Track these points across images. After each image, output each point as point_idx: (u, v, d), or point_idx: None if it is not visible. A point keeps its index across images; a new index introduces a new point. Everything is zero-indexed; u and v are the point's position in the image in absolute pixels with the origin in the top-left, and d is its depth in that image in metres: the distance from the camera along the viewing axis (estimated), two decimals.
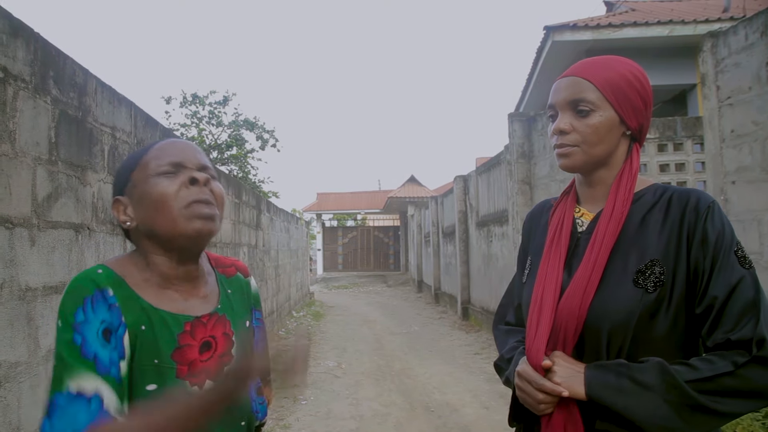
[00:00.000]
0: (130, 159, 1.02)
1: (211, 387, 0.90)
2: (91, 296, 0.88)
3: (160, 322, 0.93)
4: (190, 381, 0.93)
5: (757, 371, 0.92)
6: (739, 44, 3.88)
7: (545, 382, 1.01)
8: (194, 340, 0.96)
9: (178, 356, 0.93)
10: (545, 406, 1.02)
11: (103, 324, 0.87)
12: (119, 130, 3.02)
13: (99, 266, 0.94)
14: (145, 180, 0.96)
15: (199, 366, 0.95)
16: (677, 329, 1.00)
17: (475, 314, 9.79)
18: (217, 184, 1.02)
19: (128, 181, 0.99)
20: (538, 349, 1.05)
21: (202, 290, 1.03)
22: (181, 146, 1.01)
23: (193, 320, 0.97)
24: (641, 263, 1.02)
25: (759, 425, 2.95)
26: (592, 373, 0.99)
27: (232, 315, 1.05)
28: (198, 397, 0.89)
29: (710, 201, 1.03)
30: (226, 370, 0.96)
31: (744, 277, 0.97)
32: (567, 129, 1.08)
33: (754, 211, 3.76)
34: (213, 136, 15.42)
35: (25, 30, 2.14)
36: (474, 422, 4.43)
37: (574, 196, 1.19)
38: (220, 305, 1.04)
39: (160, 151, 0.99)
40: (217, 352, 0.99)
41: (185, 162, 0.98)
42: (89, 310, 0.87)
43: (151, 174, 0.96)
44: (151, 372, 0.91)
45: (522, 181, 6.88)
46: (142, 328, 0.91)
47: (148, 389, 0.90)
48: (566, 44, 8.44)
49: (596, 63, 1.10)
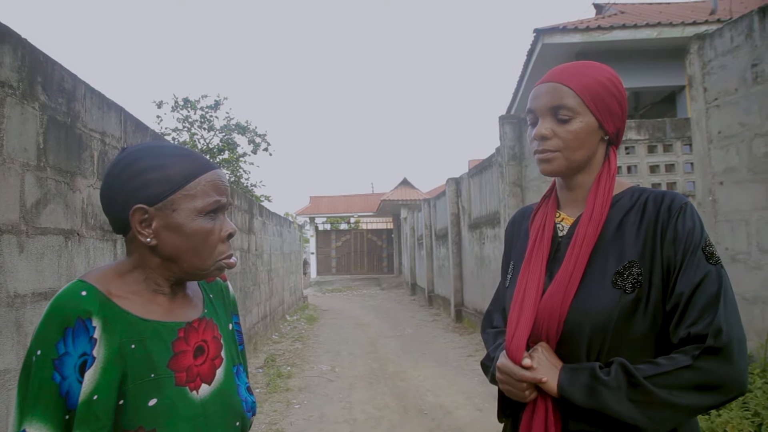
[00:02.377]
0: (169, 170, 0.94)
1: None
2: (72, 328, 0.85)
3: (152, 334, 0.92)
4: (189, 387, 0.94)
5: (711, 361, 0.94)
6: (725, 46, 3.93)
7: (524, 373, 1.04)
8: (188, 345, 0.97)
9: (174, 364, 0.93)
10: (529, 392, 1.06)
11: (82, 358, 0.85)
12: (109, 135, 3.01)
13: (82, 285, 0.90)
14: (189, 213, 0.94)
15: (194, 371, 0.96)
16: (656, 328, 1.03)
17: (469, 316, 9.80)
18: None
19: (165, 199, 0.93)
20: (518, 344, 1.08)
21: (187, 296, 1.04)
22: (223, 184, 1.00)
23: (186, 326, 0.98)
24: (619, 265, 1.05)
25: (748, 423, 2.97)
26: (566, 375, 1.02)
27: (217, 319, 1.07)
28: None
29: (683, 201, 1.06)
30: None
31: (709, 273, 0.99)
32: (548, 135, 1.11)
33: (741, 211, 3.80)
34: (205, 140, 15.39)
35: (12, 36, 2.13)
36: (467, 424, 4.43)
37: (555, 200, 1.22)
38: (206, 309, 1.05)
39: (209, 186, 0.96)
40: (209, 356, 0.99)
41: (225, 203, 0.99)
42: (69, 344, 0.85)
43: (198, 210, 0.94)
44: (149, 387, 0.90)
45: (513, 183, 6.91)
46: (131, 348, 0.89)
47: (150, 405, 0.89)
48: (556, 47, 8.49)
49: (575, 69, 1.12)
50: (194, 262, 0.96)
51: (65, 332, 0.85)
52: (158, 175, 0.93)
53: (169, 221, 0.93)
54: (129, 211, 0.92)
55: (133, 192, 0.92)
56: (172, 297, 1.00)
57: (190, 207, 0.94)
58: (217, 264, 0.98)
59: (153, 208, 0.93)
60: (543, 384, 1.03)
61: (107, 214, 0.98)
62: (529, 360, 1.05)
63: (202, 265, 0.96)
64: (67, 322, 0.85)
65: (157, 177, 0.93)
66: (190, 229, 0.94)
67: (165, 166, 0.94)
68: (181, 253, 0.94)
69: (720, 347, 0.94)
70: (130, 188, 0.92)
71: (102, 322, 0.88)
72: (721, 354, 0.94)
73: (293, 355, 7.51)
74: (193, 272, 0.97)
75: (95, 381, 0.85)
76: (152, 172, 0.93)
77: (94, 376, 0.85)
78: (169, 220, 0.93)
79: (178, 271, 0.97)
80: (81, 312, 0.86)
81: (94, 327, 0.87)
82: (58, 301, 0.88)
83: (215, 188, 0.97)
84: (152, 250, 0.95)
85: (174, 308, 0.99)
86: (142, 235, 0.93)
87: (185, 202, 0.94)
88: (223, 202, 0.98)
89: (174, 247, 0.94)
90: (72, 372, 0.84)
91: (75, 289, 0.89)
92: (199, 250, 0.95)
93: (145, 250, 0.96)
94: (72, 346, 0.85)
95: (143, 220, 0.93)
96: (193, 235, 0.94)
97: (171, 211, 0.93)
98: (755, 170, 3.70)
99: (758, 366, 3.47)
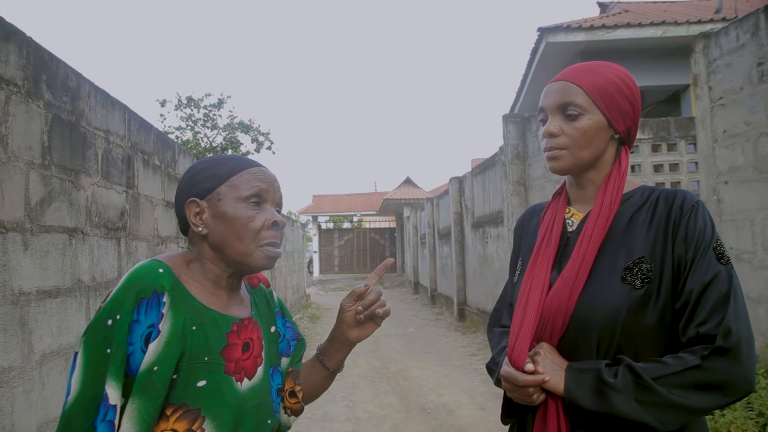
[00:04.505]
0: (217, 168, 1.05)
1: None
2: (147, 299, 0.92)
3: (211, 321, 0.99)
4: (235, 377, 1.00)
5: (720, 362, 0.94)
6: (731, 45, 3.91)
7: (528, 378, 1.04)
8: (239, 339, 1.03)
9: (226, 353, 1.00)
10: (537, 395, 1.05)
11: (149, 329, 0.91)
12: (113, 133, 3.02)
13: (159, 263, 0.97)
14: (234, 201, 1.02)
15: (241, 364, 1.02)
16: (665, 324, 1.02)
17: (471, 315, 9.80)
18: (285, 226, 1.10)
19: (213, 191, 1.03)
20: (520, 351, 1.07)
21: (240, 296, 1.11)
22: (270, 178, 1.08)
23: (239, 321, 1.05)
24: (629, 260, 1.04)
25: (753, 423, 2.96)
26: (571, 375, 1.02)
27: (261, 321, 1.13)
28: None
29: (695, 200, 1.06)
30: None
31: (719, 273, 0.99)
32: (556, 132, 1.11)
33: (746, 210, 3.79)
34: (208, 139, 15.40)
35: (18, 34, 2.14)
36: (470, 424, 4.43)
37: (566, 197, 1.22)
38: (253, 311, 1.12)
39: (251, 177, 1.05)
40: (253, 354, 1.06)
41: (270, 195, 1.06)
42: (142, 313, 0.91)
43: (241, 198, 1.02)
44: (201, 369, 0.95)
45: (517, 182, 6.90)
46: (192, 329, 0.96)
47: (199, 385, 0.94)
48: (560, 45, 8.47)
49: (586, 68, 1.13)
50: (237, 246, 1.01)
51: (141, 302, 0.91)
52: (209, 173, 1.05)
53: (216, 210, 1.02)
54: (185, 206, 1.04)
55: (189, 190, 1.05)
56: (229, 292, 1.07)
57: (234, 195, 1.03)
58: (260, 250, 1.02)
59: (204, 200, 1.04)
60: (547, 384, 1.03)
61: (177, 216, 1.09)
62: (531, 365, 1.05)
63: (244, 249, 1.01)
64: (144, 292, 0.92)
65: (207, 174, 1.05)
66: (232, 215, 1.01)
67: (214, 165, 1.06)
68: (226, 238, 1.02)
69: (729, 348, 0.93)
70: (188, 188, 1.06)
71: (171, 299, 0.95)
72: (730, 354, 0.94)
73: None
74: (237, 258, 1.02)
75: (158, 353, 0.91)
76: (204, 171, 1.06)
77: (157, 348, 0.91)
78: (216, 209, 1.02)
79: (226, 259, 1.03)
80: (157, 286, 0.94)
81: (164, 303, 0.94)
82: (137, 273, 0.94)
83: (257, 179, 1.05)
84: (205, 240, 1.04)
85: (230, 304, 1.06)
86: (195, 225, 1.03)
87: (229, 191, 1.03)
88: (264, 189, 1.05)
89: (220, 233, 1.02)
90: (138, 340, 0.90)
91: (153, 266, 0.97)
92: (240, 235, 1.01)
93: (201, 241, 1.04)
94: (144, 315, 0.91)
95: (197, 212, 1.04)
96: (235, 220, 1.01)
97: (217, 201, 1.03)
98: (761, 169, 3.68)
99: (763, 366, 3.46)
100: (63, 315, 2.41)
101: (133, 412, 0.88)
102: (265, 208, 1.05)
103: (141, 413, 0.88)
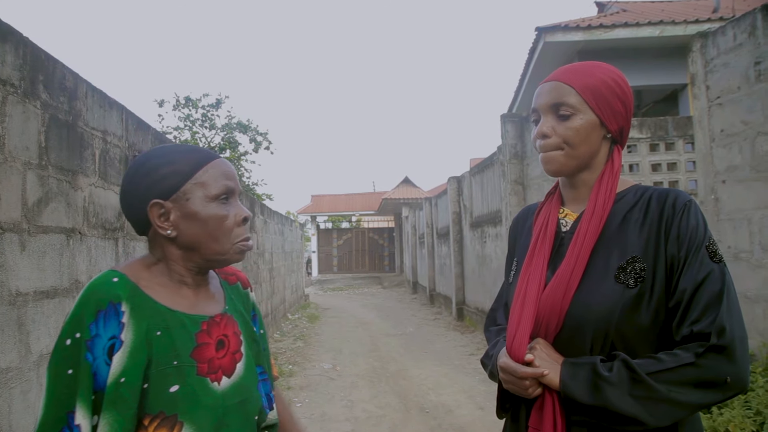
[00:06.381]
0: (177, 163, 0.99)
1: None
2: (104, 311, 0.90)
3: (177, 323, 0.96)
4: (210, 378, 0.97)
5: (714, 359, 0.94)
6: (728, 44, 3.92)
7: (526, 370, 1.05)
8: (210, 338, 1.00)
9: (197, 354, 0.97)
10: (533, 388, 1.07)
11: (111, 341, 0.89)
12: (110, 134, 3.02)
13: (114, 273, 0.95)
14: (203, 200, 0.99)
15: (216, 363, 0.99)
16: (658, 323, 1.03)
17: (470, 315, 9.80)
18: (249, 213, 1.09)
19: (178, 190, 0.98)
20: (520, 343, 1.08)
21: (209, 292, 1.08)
22: (232, 171, 1.04)
23: (208, 319, 1.02)
24: (622, 260, 1.05)
25: (750, 422, 2.96)
26: (566, 370, 1.03)
27: (238, 316, 1.10)
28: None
29: (687, 199, 1.07)
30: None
31: (712, 271, 1.00)
32: (548, 133, 1.12)
33: (744, 209, 3.79)
34: (206, 139, 15.39)
35: (14, 34, 2.13)
36: (469, 423, 4.43)
37: (559, 197, 1.23)
38: (227, 306, 1.09)
39: (216, 172, 1.01)
40: (230, 350, 1.03)
41: (235, 188, 1.04)
42: (101, 326, 0.89)
43: (210, 196, 0.99)
44: (172, 374, 0.93)
45: (515, 181, 6.90)
46: (157, 334, 0.93)
47: (172, 391, 0.92)
48: (558, 45, 8.47)
49: (577, 68, 1.14)
50: (213, 247, 1.00)
51: (98, 315, 0.89)
52: (168, 169, 0.98)
53: (185, 211, 0.98)
54: (147, 208, 0.98)
55: (147, 189, 0.98)
56: (196, 290, 1.04)
57: (202, 194, 0.99)
58: (235, 247, 1.01)
59: (168, 200, 0.98)
60: (544, 378, 1.04)
61: (128, 217, 1.03)
62: (530, 356, 1.06)
63: (220, 249, 1.00)
64: (99, 305, 0.90)
65: (167, 171, 0.98)
66: (205, 215, 0.98)
67: (173, 160, 0.99)
68: (200, 239, 0.99)
69: (723, 345, 0.94)
70: (144, 187, 0.98)
71: (131, 307, 0.92)
72: (724, 352, 0.94)
73: (295, 354, 7.52)
74: (214, 258, 1.01)
75: (123, 364, 0.89)
76: (162, 167, 0.99)
77: (122, 359, 0.89)
78: (184, 209, 0.98)
79: (199, 259, 1.01)
80: (112, 296, 0.92)
81: (123, 312, 0.91)
82: (91, 287, 0.93)
83: (223, 174, 1.02)
84: (173, 242, 1.00)
85: (198, 302, 1.03)
86: (162, 228, 0.98)
87: (197, 190, 0.99)
88: (232, 186, 1.02)
89: (192, 235, 0.99)
90: (101, 353, 0.88)
91: (107, 276, 0.95)
92: (215, 235, 0.99)
93: (167, 243, 1.00)
94: (103, 328, 0.89)
95: (161, 214, 0.98)
96: (209, 221, 0.99)
97: (185, 201, 0.98)
98: (758, 168, 3.69)
99: (760, 365, 3.46)
100: (60, 316, 2.41)
101: (105, 427, 0.86)
102: (233, 203, 1.03)
103: (114, 428, 0.86)
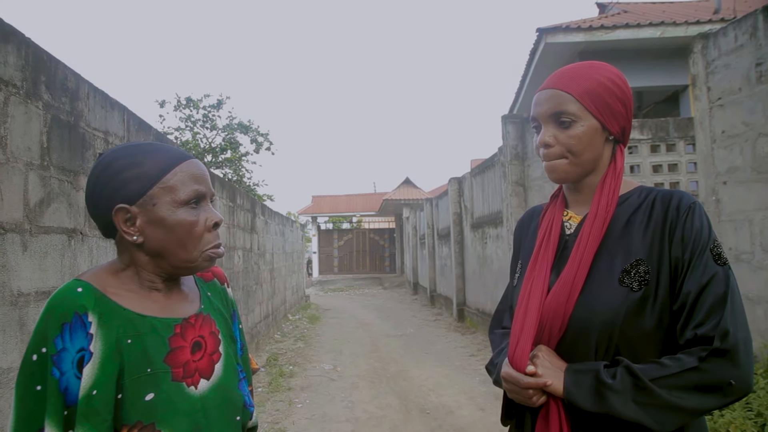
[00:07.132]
0: (144, 165, 0.94)
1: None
2: (69, 323, 0.86)
3: (148, 329, 0.93)
4: (186, 382, 0.94)
5: (717, 363, 0.94)
6: (729, 46, 3.92)
7: (529, 380, 1.04)
8: (185, 341, 0.97)
9: (171, 360, 0.93)
10: (537, 397, 1.06)
11: (79, 353, 0.86)
12: (112, 134, 3.02)
13: (78, 283, 0.91)
14: (170, 206, 0.93)
15: (192, 366, 0.96)
16: (663, 326, 1.02)
17: (471, 316, 9.79)
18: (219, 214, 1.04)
19: (144, 194, 0.93)
20: (522, 353, 1.08)
21: (182, 292, 1.04)
22: (203, 174, 0.99)
23: (182, 322, 0.98)
24: (626, 263, 1.05)
25: (751, 424, 2.96)
26: (570, 377, 1.02)
27: (215, 314, 1.07)
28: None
29: (691, 201, 1.06)
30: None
31: (716, 274, 0.99)
32: (551, 142, 1.11)
33: (745, 211, 3.79)
34: (207, 139, 15.40)
35: (17, 35, 2.14)
36: (470, 424, 4.43)
37: (563, 199, 1.22)
38: (203, 305, 1.05)
39: (186, 176, 0.95)
40: (207, 351, 1.00)
41: (205, 192, 0.98)
42: (67, 339, 0.85)
43: (179, 201, 0.94)
44: (146, 382, 0.90)
45: (516, 182, 6.90)
46: (128, 342, 0.90)
47: (147, 399, 0.89)
48: (559, 46, 8.47)
49: (574, 72, 1.12)
50: (181, 254, 0.95)
51: (63, 328, 0.86)
52: (134, 172, 0.93)
53: (152, 216, 0.93)
54: (112, 213, 0.93)
55: (113, 193, 0.93)
56: (167, 293, 1.00)
57: (170, 199, 0.94)
58: (204, 254, 0.97)
59: (134, 205, 0.93)
60: (548, 387, 1.03)
61: (94, 218, 0.98)
62: (532, 367, 1.05)
63: (188, 257, 0.96)
64: (64, 318, 0.86)
65: (133, 174, 0.93)
66: (172, 222, 0.93)
67: (139, 162, 0.94)
68: (167, 246, 0.94)
69: (727, 349, 0.94)
70: (109, 190, 0.93)
71: (98, 317, 0.89)
72: (727, 356, 0.94)
73: (295, 355, 7.52)
74: (181, 266, 0.96)
75: (94, 376, 0.86)
76: (128, 170, 0.93)
77: (92, 371, 0.86)
78: (151, 215, 0.93)
79: (167, 266, 0.97)
80: (78, 307, 0.87)
81: (90, 322, 0.88)
82: (54, 299, 0.89)
83: (192, 178, 0.96)
84: (140, 248, 0.96)
85: (170, 304, 0.99)
86: (128, 234, 0.94)
87: (164, 194, 0.93)
88: (202, 191, 0.97)
89: (159, 241, 0.94)
90: (70, 367, 0.85)
91: (71, 287, 0.90)
92: (184, 242, 0.94)
93: (134, 249, 0.96)
94: (69, 341, 0.86)
95: (127, 219, 0.94)
96: (176, 227, 0.94)
97: (152, 206, 0.93)
98: (759, 170, 3.68)
99: (762, 366, 3.46)
100: None
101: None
102: (203, 207, 0.98)
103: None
